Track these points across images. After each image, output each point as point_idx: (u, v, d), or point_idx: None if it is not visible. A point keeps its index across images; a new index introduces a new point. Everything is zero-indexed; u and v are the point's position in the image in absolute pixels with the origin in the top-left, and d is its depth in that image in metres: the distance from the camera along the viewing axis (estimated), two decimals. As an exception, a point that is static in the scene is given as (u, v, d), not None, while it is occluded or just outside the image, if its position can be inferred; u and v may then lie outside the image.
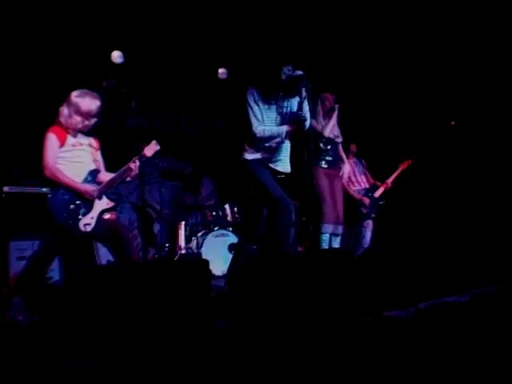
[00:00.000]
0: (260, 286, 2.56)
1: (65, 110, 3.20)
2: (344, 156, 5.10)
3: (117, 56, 5.71)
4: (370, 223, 5.62)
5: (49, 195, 3.09)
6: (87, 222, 3.14)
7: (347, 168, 5.09)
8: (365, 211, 5.56)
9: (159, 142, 3.43)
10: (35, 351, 2.37)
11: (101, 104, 3.27)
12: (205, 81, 6.55)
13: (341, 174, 5.00)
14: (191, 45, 6.04)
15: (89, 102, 3.20)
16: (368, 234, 5.59)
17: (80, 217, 3.11)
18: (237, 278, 2.58)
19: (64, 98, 3.26)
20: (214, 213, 5.78)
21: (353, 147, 5.67)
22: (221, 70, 6.57)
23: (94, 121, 3.27)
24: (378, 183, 5.72)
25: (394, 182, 5.70)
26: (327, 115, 4.80)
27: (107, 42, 5.65)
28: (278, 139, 3.72)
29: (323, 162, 4.84)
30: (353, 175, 5.65)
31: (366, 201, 5.56)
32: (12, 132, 4.95)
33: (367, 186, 5.74)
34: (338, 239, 4.78)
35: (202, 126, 6.87)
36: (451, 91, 6.08)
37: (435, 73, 6.22)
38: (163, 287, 2.26)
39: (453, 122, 5.39)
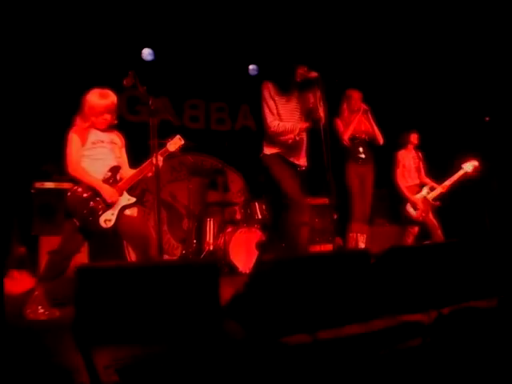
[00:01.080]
0: (274, 288, 2.53)
1: (81, 109, 3.23)
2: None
3: (147, 53, 5.78)
4: (415, 228, 5.10)
5: (68, 193, 3.13)
6: (108, 218, 3.17)
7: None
8: (414, 215, 5.02)
9: (184, 137, 3.45)
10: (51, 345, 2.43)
11: (113, 101, 3.22)
12: (235, 77, 6.53)
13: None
14: (222, 41, 6.05)
15: (97, 99, 3.17)
16: (410, 240, 5.09)
17: (100, 213, 3.15)
18: (251, 281, 2.55)
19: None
20: (242, 210, 5.80)
21: (413, 137, 5.21)
22: (251, 67, 6.55)
23: (109, 117, 3.23)
24: (436, 185, 5.11)
25: (452, 186, 5.06)
26: (353, 113, 4.72)
27: (136, 41, 5.72)
28: (291, 135, 3.69)
29: (354, 160, 4.78)
30: (407, 169, 5.17)
31: (420, 206, 4.99)
32: (44, 129, 5.09)
33: (417, 182, 5.19)
34: (364, 238, 4.68)
35: (232, 122, 6.86)
36: (486, 87, 5.83)
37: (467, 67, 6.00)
38: (171, 289, 2.25)
39: (487, 118, 5.13)
